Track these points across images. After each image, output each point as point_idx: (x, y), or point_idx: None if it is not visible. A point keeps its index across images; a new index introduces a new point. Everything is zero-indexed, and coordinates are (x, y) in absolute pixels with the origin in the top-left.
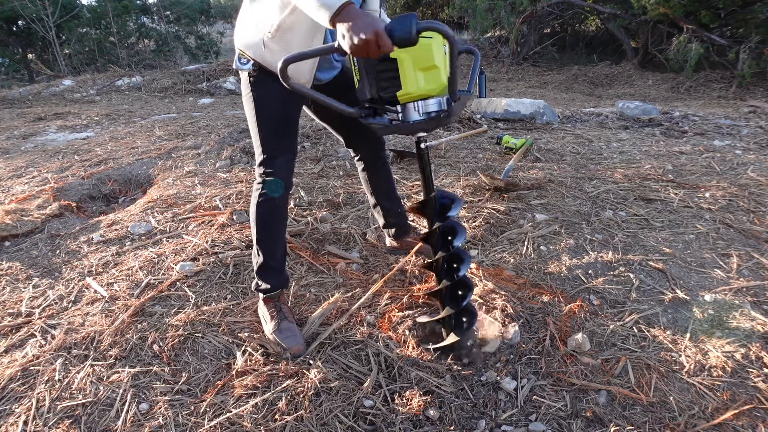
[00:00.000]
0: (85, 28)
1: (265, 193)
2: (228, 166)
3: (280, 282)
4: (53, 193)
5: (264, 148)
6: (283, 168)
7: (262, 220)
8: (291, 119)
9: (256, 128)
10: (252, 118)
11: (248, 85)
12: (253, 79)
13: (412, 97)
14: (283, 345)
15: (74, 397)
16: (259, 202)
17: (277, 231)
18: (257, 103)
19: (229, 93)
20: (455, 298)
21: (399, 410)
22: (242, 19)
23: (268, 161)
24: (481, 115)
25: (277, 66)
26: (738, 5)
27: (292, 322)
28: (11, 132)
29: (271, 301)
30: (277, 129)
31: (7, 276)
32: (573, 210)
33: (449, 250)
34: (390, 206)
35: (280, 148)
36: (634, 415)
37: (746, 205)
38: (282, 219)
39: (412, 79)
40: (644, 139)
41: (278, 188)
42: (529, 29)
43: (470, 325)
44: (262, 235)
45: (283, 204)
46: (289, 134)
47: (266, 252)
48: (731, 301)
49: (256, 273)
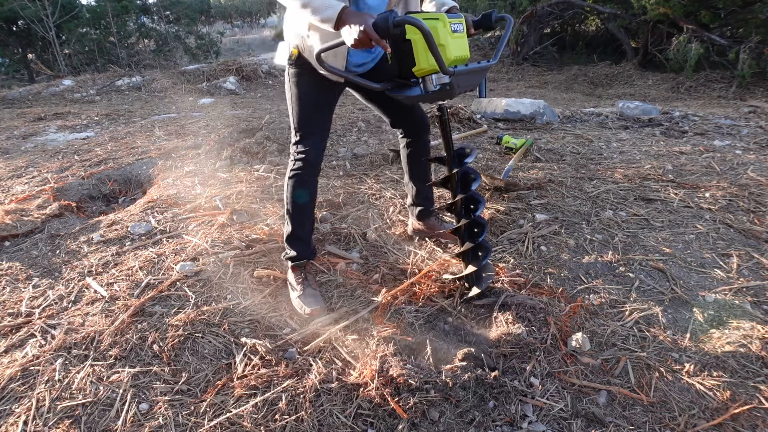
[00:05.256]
0: (85, 28)
1: (298, 168)
2: (228, 166)
3: (307, 252)
4: (53, 193)
5: (298, 130)
6: (314, 148)
7: (294, 193)
8: (324, 105)
9: (293, 113)
10: (290, 105)
11: (289, 77)
12: (293, 71)
13: (425, 72)
14: (306, 309)
15: (74, 397)
16: (291, 176)
17: (306, 205)
18: (296, 93)
19: (229, 93)
20: (472, 235)
21: (398, 412)
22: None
23: (301, 141)
24: (481, 115)
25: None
26: (738, 5)
27: (316, 289)
28: (11, 132)
29: (297, 269)
30: (312, 115)
31: (7, 276)
32: (573, 210)
33: (467, 192)
34: (420, 188)
35: (312, 132)
36: (634, 415)
37: (746, 205)
38: (312, 194)
39: (423, 56)
40: (644, 139)
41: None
42: (529, 29)
43: (485, 258)
44: (292, 208)
45: (313, 181)
46: (323, 120)
47: (295, 223)
48: (731, 301)
49: (285, 241)
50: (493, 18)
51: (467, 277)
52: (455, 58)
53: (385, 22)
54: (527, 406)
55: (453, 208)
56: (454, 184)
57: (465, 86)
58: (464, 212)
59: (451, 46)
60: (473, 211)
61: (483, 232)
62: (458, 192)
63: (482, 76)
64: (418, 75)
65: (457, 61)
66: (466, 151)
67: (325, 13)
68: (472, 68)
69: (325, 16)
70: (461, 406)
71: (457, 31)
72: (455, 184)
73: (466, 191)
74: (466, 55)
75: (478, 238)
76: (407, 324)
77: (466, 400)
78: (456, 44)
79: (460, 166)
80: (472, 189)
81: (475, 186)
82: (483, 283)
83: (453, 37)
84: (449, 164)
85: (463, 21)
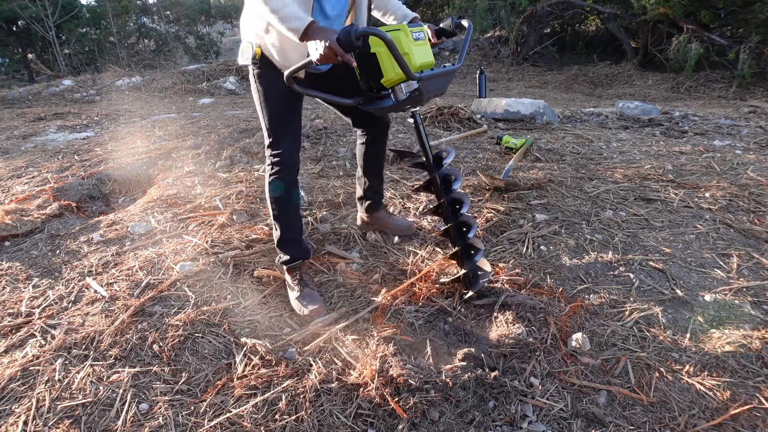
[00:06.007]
0: (85, 29)
1: (275, 172)
2: (228, 166)
3: (300, 253)
4: (53, 193)
5: (270, 132)
6: (288, 149)
7: (276, 197)
8: (293, 106)
9: (262, 115)
10: (259, 106)
11: (254, 77)
12: (257, 71)
13: (393, 82)
14: (305, 309)
15: (74, 397)
16: (270, 181)
17: (291, 206)
18: (263, 93)
19: (229, 93)
20: (461, 235)
21: (398, 411)
22: (245, 15)
23: (274, 144)
24: (481, 115)
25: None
26: (738, 5)
27: (313, 289)
28: (11, 132)
29: (293, 270)
30: (282, 115)
31: (7, 276)
32: (573, 210)
33: (450, 193)
34: (373, 183)
35: (284, 132)
36: (634, 415)
37: (746, 205)
38: (295, 194)
39: (389, 67)
40: (644, 139)
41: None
42: (529, 29)
43: (478, 255)
44: (278, 211)
45: (292, 182)
46: (293, 119)
47: (283, 226)
48: (731, 301)
49: (277, 246)
50: (453, 24)
51: (463, 279)
52: (420, 65)
53: (348, 36)
54: (527, 406)
55: (439, 210)
56: (437, 187)
57: (434, 90)
58: (451, 214)
59: (415, 53)
60: (459, 210)
61: (471, 231)
62: (442, 195)
63: (449, 79)
64: (387, 86)
65: (422, 67)
66: (443, 153)
67: (293, 24)
68: (438, 72)
69: (292, 26)
70: (461, 406)
71: (420, 39)
72: (438, 187)
73: (449, 192)
74: (431, 61)
75: (467, 237)
76: (407, 324)
77: (466, 400)
78: (419, 51)
79: (440, 168)
80: (455, 189)
81: (458, 185)
82: (477, 285)
83: (416, 44)
84: (429, 168)
85: (424, 29)
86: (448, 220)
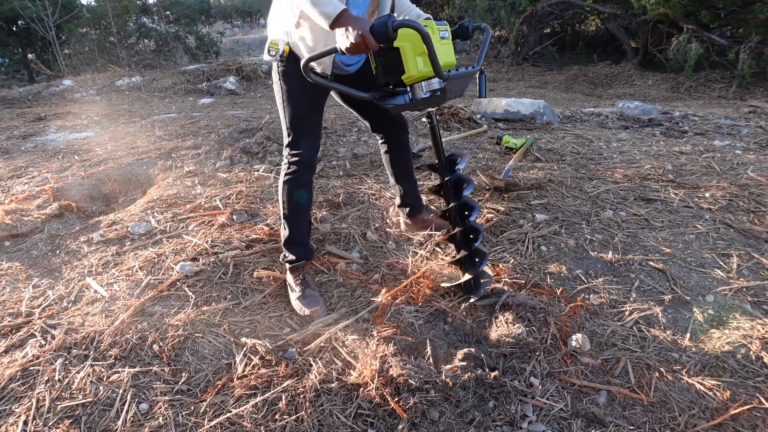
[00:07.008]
0: (85, 28)
1: (292, 171)
2: (228, 166)
3: (305, 254)
4: (53, 193)
5: (291, 131)
6: (308, 149)
7: (289, 196)
8: (315, 106)
9: (284, 114)
10: (281, 104)
11: (278, 74)
12: (282, 69)
13: (414, 79)
14: (306, 310)
15: (74, 397)
16: (285, 180)
17: (303, 207)
18: (286, 91)
19: (229, 93)
20: (468, 241)
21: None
22: (274, 11)
23: (294, 143)
24: (481, 115)
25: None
26: (738, 5)
27: (315, 290)
28: (11, 132)
29: (296, 270)
30: (304, 114)
31: (7, 276)
32: (573, 210)
33: (460, 198)
34: (407, 187)
35: (305, 132)
36: (634, 415)
37: (746, 205)
38: (309, 195)
39: (412, 63)
40: (644, 139)
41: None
42: (529, 29)
43: (482, 263)
44: (289, 211)
45: (308, 182)
46: (314, 119)
47: (292, 226)
48: (731, 301)
49: (284, 245)
50: (470, 29)
51: (465, 284)
52: (443, 65)
53: (384, 27)
54: (527, 406)
55: (447, 215)
56: (448, 192)
57: (456, 91)
58: (459, 219)
59: (440, 52)
60: (467, 217)
61: (478, 238)
62: (452, 199)
63: (468, 81)
64: (408, 83)
65: (446, 67)
66: (457, 157)
67: (325, 8)
68: (462, 73)
69: (325, 11)
70: (461, 406)
71: (445, 37)
72: (448, 191)
73: (459, 198)
74: (453, 62)
75: (473, 244)
76: (407, 324)
77: (466, 400)
78: (444, 50)
79: (452, 172)
80: (465, 195)
81: (468, 192)
82: (479, 291)
83: (441, 43)
84: (441, 172)
85: (448, 28)
86: (455, 225)
